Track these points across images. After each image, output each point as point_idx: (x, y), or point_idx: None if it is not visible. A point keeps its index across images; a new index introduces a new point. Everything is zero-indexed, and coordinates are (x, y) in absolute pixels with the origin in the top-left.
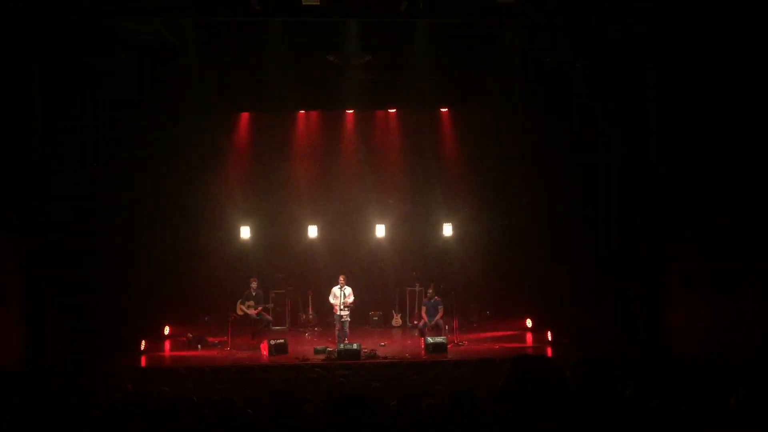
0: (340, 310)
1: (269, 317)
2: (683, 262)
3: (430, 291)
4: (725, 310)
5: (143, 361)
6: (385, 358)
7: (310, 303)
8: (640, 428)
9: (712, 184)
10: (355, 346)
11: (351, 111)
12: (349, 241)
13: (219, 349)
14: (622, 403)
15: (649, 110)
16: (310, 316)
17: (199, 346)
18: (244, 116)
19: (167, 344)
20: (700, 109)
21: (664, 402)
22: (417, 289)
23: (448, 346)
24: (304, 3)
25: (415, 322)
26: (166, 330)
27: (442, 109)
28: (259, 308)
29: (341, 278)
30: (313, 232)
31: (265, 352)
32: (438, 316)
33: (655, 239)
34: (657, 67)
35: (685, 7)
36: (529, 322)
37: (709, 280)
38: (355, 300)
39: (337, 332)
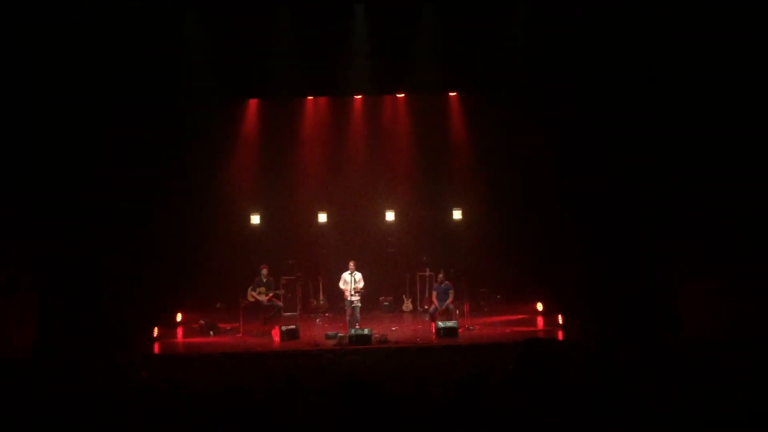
0: (351, 295)
1: (280, 303)
2: (688, 257)
3: (441, 275)
4: (730, 305)
5: (156, 348)
6: (396, 342)
7: (320, 289)
8: (644, 423)
9: (716, 179)
10: (366, 331)
11: (359, 96)
12: (359, 226)
13: (231, 336)
14: (624, 396)
15: (653, 104)
16: (321, 302)
17: (212, 332)
18: (252, 103)
19: (180, 331)
20: (704, 104)
21: (667, 396)
22: (427, 273)
23: (459, 330)
24: None
25: (426, 307)
26: (179, 317)
27: (451, 94)
28: (270, 294)
29: (351, 264)
30: (323, 218)
31: (276, 338)
32: (449, 301)
33: (660, 233)
34: (660, 65)
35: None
36: (540, 306)
37: (714, 275)
38: (365, 285)
39: (348, 317)
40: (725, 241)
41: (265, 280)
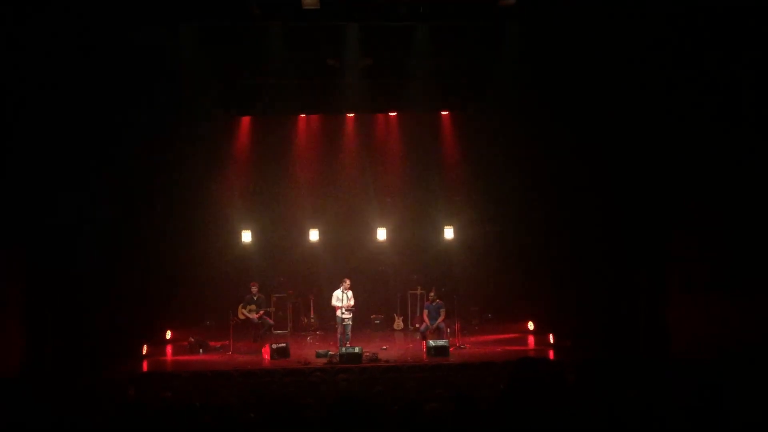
0: (342, 312)
1: (270, 321)
2: (684, 263)
3: (432, 294)
4: (726, 311)
5: (145, 366)
6: (387, 361)
7: (311, 307)
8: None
9: (713, 185)
10: (356, 349)
11: (352, 115)
12: (350, 244)
13: (221, 354)
14: (622, 406)
15: (651, 110)
16: (312, 320)
17: (201, 350)
18: (245, 120)
19: (169, 349)
20: (703, 108)
21: (664, 405)
22: (418, 292)
23: (450, 349)
24: (304, 6)
25: (417, 326)
26: (168, 334)
27: (443, 113)
28: (261, 312)
29: (347, 281)
30: (314, 235)
31: (266, 356)
32: (440, 319)
33: (655, 241)
34: (658, 69)
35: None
36: (531, 325)
37: (710, 281)
38: (354, 303)
39: (339, 335)
40: (725, 243)
41: (255, 298)
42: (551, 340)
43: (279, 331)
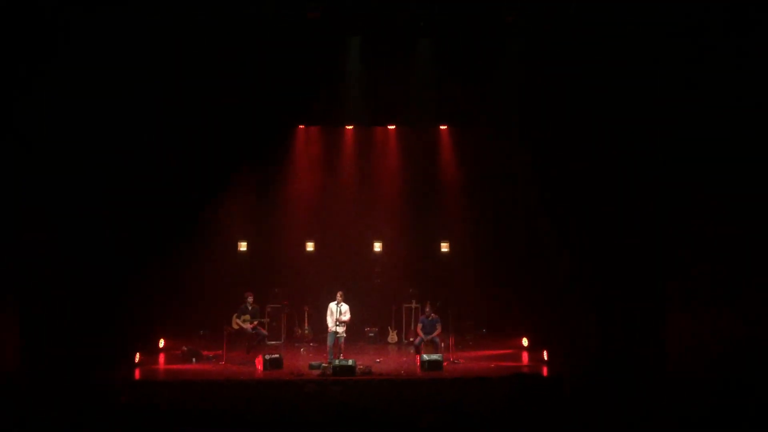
0: (336, 325)
1: (265, 332)
2: (681, 277)
3: (428, 309)
4: (723, 326)
5: (137, 374)
6: (380, 374)
7: (306, 318)
8: None
9: (711, 198)
10: (350, 362)
11: (350, 127)
12: (346, 256)
13: (214, 363)
14: (618, 420)
15: (651, 124)
16: (306, 331)
17: (194, 359)
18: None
19: (162, 357)
20: (701, 122)
21: (660, 419)
22: (413, 305)
23: (444, 363)
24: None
25: (411, 339)
26: (161, 343)
27: (442, 127)
28: (255, 322)
29: (339, 294)
30: (310, 247)
31: (259, 366)
32: (435, 333)
33: (652, 255)
34: (658, 81)
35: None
36: (525, 341)
37: (708, 295)
38: (351, 318)
39: (328, 347)
40: (723, 256)
41: (250, 308)
42: (545, 357)
43: (273, 342)
